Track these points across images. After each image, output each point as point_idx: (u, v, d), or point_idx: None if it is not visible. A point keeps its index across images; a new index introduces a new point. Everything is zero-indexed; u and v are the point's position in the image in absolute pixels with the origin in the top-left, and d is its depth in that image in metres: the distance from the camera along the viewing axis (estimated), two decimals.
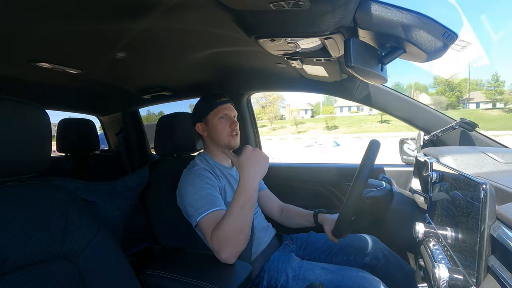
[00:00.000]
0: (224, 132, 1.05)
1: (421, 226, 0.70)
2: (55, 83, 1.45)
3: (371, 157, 0.82)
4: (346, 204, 0.84)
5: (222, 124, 1.06)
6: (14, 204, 0.61)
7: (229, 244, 0.80)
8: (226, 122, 1.06)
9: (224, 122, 1.06)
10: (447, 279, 0.51)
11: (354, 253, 1.07)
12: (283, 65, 1.18)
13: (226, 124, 1.06)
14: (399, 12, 0.62)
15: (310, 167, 1.68)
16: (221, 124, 1.06)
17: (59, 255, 0.64)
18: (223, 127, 1.06)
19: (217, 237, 0.80)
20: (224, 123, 1.06)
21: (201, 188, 0.93)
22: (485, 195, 0.46)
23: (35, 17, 0.75)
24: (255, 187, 0.84)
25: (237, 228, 0.80)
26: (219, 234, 0.80)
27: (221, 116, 1.06)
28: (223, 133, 1.05)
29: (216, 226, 0.82)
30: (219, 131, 1.05)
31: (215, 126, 1.06)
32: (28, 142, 0.63)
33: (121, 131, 2.21)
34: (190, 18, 0.78)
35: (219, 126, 1.05)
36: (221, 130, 1.05)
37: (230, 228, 0.79)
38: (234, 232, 0.80)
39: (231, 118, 1.08)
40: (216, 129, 1.06)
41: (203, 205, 0.89)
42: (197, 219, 0.88)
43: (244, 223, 0.81)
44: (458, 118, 1.11)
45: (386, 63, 0.75)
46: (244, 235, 0.81)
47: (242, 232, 0.80)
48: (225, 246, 0.80)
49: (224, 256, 0.80)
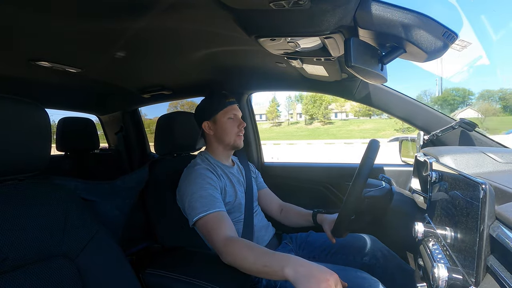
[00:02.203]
0: (232, 131, 1.08)
1: (421, 225, 0.71)
2: (54, 82, 1.45)
3: (371, 156, 0.83)
4: (346, 203, 0.85)
5: (230, 123, 1.08)
6: (13, 202, 0.61)
7: (236, 260, 0.78)
8: (235, 122, 1.08)
9: (232, 122, 1.08)
10: (446, 279, 0.51)
11: (353, 253, 1.07)
12: (283, 65, 1.18)
13: (235, 124, 1.08)
14: (399, 11, 0.62)
15: (310, 166, 1.68)
16: (230, 124, 1.08)
17: (58, 254, 0.64)
18: (231, 126, 1.08)
19: (229, 247, 0.79)
20: (232, 123, 1.08)
21: (201, 188, 0.93)
22: (485, 195, 0.46)
23: (35, 16, 0.74)
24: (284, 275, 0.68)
25: (247, 261, 0.75)
26: (234, 249, 0.78)
27: (230, 116, 1.08)
28: (231, 133, 1.07)
29: (236, 240, 0.80)
30: (228, 130, 1.07)
31: (224, 125, 1.07)
32: (28, 141, 0.63)
33: (121, 130, 2.21)
34: (190, 17, 0.78)
35: (228, 125, 1.07)
36: (229, 129, 1.07)
37: (243, 257, 0.76)
38: (244, 262, 0.76)
39: (239, 119, 1.10)
40: (224, 128, 1.07)
41: (202, 206, 0.89)
42: (194, 218, 0.88)
43: (251, 267, 0.75)
44: (458, 118, 1.12)
45: (386, 63, 0.75)
46: (242, 267, 0.77)
47: (246, 265, 0.76)
48: (228, 257, 0.79)
49: (226, 261, 0.80)
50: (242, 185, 1.13)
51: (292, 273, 0.65)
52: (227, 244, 0.80)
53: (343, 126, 36.96)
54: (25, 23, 0.78)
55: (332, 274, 0.64)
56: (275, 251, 0.74)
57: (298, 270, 0.65)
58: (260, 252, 0.75)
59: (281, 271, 0.67)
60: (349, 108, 39.32)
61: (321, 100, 40.21)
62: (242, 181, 1.15)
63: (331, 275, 0.63)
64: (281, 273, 0.67)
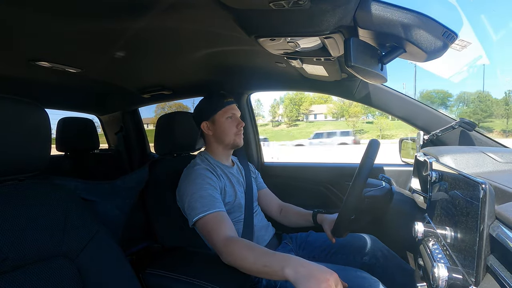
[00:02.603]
0: (231, 131, 1.08)
1: (421, 225, 0.71)
2: (54, 82, 1.45)
3: (371, 156, 0.83)
4: (346, 203, 0.85)
5: (229, 123, 1.08)
6: (13, 203, 0.61)
7: (236, 260, 0.78)
8: (233, 122, 1.08)
9: (231, 122, 1.08)
10: (446, 279, 0.51)
11: (353, 253, 1.07)
12: (283, 65, 1.18)
13: (233, 124, 1.08)
14: (399, 11, 0.62)
15: (309, 166, 1.68)
16: (229, 124, 1.08)
17: (58, 254, 0.64)
18: (230, 126, 1.08)
19: (229, 247, 0.79)
20: (231, 122, 1.08)
21: (201, 188, 0.93)
22: (485, 194, 0.46)
23: (35, 16, 0.74)
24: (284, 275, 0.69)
25: (247, 261, 0.75)
26: (234, 249, 0.78)
27: (229, 116, 1.08)
28: (230, 132, 1.07)
29: (238, 241, 0.80)
30: (226, 129, 1.07)
31: (222, 125, 1.07)
32: (28, 141, 0.63)
33: (121, 130, 2.21)
34: (190, 17, 0.78)
35: (227, 125, 1.07)
36: (228, 129, 1.07)
37: (243, 257, 0.76)
38: (244, 262, 0.76)
39: (238, 118, 1.10)
40: (223, 128, 1.07)
41: (202, 206, 0.89)
42: (194, 219, 0.88)
43: (251, 267, 0.75)
44: (458, 118, 1.12)
45: (386, 63, 0.75)
46: (242, 267, 0.77)
47: (246, 265, 0.76)
48: (229, 257, 0.79)
49: (226, 261, 0.80)
50: (241, 185, 1.13)
51: (292, 273, 0.65)
52: (227, 244, 0.80)
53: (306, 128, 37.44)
54: (25, 23, 0.78)
55: (332, 274, 0.64)
56: (275, 251, 0.74)
57: (298, 270, 0.65)
58: (260, 252, 0.75)
59: (281, 271, 0.67)
60: (326, 110, 40.03)
61: (300, 102, 40.79)
62: (242, 181, 1.15)
63: (331, 275, 0.63)
64: (281, 273, 0.67)
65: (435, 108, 1.22)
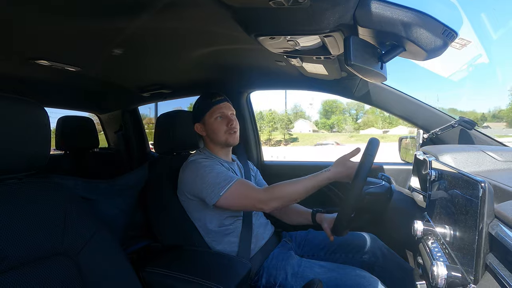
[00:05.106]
0: (221, 131, 1.06)
1: (420, 224, 0.71)
2: (54, 80, 1.45)
3: (371, 154, 0.82)
4: (346, 201, 0.85)
5: (218, 123, 1.06)
6: (13, 201, 0.61)
7: (279, 200, 0.91)
8: (223, 121, 1.07)
9: (220, 122, 1.07)
10: (445, 277, 0.51)
11: (352, 251, 1.07)
12: (283, 63, 1.17)
13: (223, 123, 1.07)
14: (399, 10, 0.62)
15: (309, 165, 1.68)
16: (218, 124, 1.06)
17: (58, 252, 0.64)
18: (219, 126, 1.06)
19: (272, 193, 0.91)
20: (220, 122, 1.07)
21: (213, 168, 0.97)
22: (484, 193, 0.46)
23: (34, 15, 0.74)
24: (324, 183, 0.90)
25: (292, 195, 0.91)
26: (280, 191, 0.91)
27: (218, 116, 1.06)
28: (220, 132, 1.06)
29: (276, 185, 0.92)
30: (216, 130, 1.06)
31: (212, 126, 1.07)
32: (27, 139, 0.63)
33: (121, 129, 2.21)
34: (189, 16, 0.78)
35: (215, 125, 1.06)
36: (217, 129, 1.06)
37: (288, 192, 0.90)
38: (289, 197, 0.91)
39: (228, 117, 1.08)
40: (213, 129, 1.07)
41: (225, 179, 0.93)
42: (222, 192, 0.91)
43: (297, 196, 0.90)
44: (457, 117, 1.12)
45: (386, 61, 0.74)
46: (292, 201, 0.94)
47: (292, 198, 0.92)
48: (275, 202, 0.90)
49: (272, 208, 0.91)
50: None
51: (332, 175, 0.90)
52: (270, 191, 0.90)
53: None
54: (25, 22, 0.78)
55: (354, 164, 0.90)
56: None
57: (334, 170, 0.90)
58: (301, 180, 0.90)
59: (326, 180, 0.89)
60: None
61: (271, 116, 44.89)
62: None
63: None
64: (327, 181, 0.89)
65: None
